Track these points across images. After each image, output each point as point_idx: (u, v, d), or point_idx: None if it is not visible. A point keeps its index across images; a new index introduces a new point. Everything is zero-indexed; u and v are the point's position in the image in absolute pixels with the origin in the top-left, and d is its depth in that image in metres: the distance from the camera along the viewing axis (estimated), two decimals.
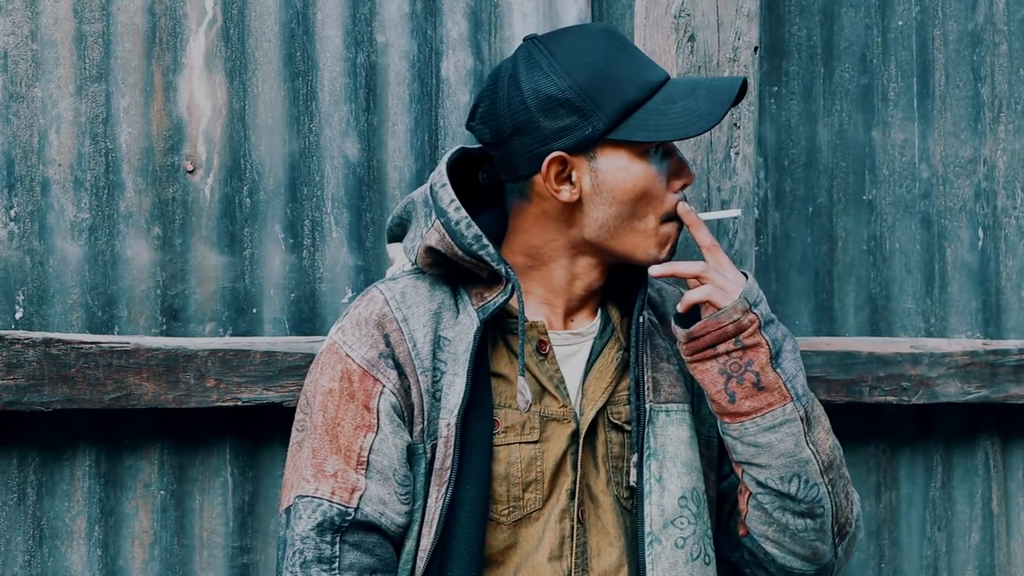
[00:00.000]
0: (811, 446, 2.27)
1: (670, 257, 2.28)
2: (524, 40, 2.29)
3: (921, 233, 3.21)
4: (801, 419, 2.25)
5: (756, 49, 2.81)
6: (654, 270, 2.24)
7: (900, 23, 3.19)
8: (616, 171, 2.23)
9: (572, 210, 2.25)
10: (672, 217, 2.27)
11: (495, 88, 2.27)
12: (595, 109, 2.20)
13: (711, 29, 2.78)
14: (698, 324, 2.23)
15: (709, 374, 2.25)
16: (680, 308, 2.24)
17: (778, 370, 2.24)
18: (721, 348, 2.23)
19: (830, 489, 2.31)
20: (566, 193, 2.24)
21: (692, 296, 2.22)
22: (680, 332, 2.25)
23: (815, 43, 3.13)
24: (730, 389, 2.24)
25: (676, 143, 2.30)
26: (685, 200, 2.28)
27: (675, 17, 2.76)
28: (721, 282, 2.22)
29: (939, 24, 3.22)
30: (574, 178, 2.23)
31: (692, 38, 2.77)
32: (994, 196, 3.27)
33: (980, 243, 3.26)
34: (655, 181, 2.24)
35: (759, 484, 2.29)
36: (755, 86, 2.82)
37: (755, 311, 2.22)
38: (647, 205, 2.24)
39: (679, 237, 2.30)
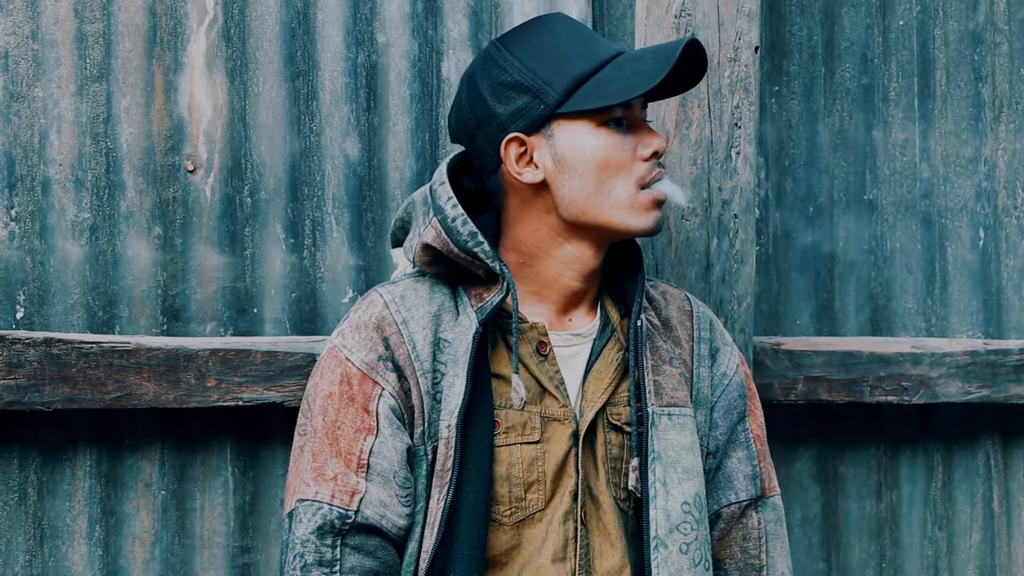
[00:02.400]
0: None
1: (660, 225, 2.27)
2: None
3: (922, 233, 3.21)
4: None
5: (757, 49, 2.81)
6: None
7: (901, 23, 3.19)
8: (574, 144, 2.24)
9: (543, 194, 2.27)
10: (647, 184, 2.26)
11: (459, 92, 2.32)
12: (545, 86, 2.22)
13: (712, 29, 2.78)
14: None
15: None
16: None
17: None
18: None
19: None
20: (529, 175, 2.25)
21: None
22: None
23: (816, 43, 3.13)
24: None
25: (647, 118, 2.32)
26: (663, 167, 2.27)
27: (676, 17, 2.76)
28: None
29: (940, 24, 3.22)
30: (536, 158, 2.25)
31: None
32: (995, 196, 3.27)
33: (981, 243, 3.25)
34: (617, 149, 2.24)
35: None
36: (756, 86, 2.82)
37: None
38: (614, 174, 2.24)
39: (664, 203, 2.28)
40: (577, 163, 2.24)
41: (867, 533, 3.17)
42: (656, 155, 2.27)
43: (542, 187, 2.27)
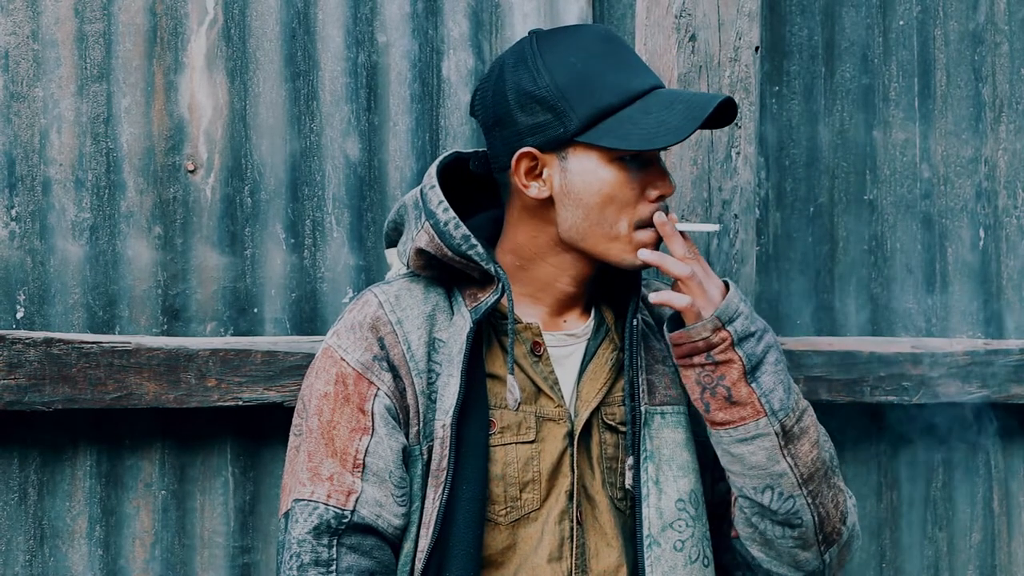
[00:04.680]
0: (788, 459, 2.27)
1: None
2: (528, 33, 2.29)
3: (922, 233, 3.21)
4: (776, 434, 2.25)
5: (757, 49, 2.81)
6: (643, 253, 2.24)
7: (901, 23, 3.19)
8: (584, 173, 2.23)
9: (546, 208, 2.26)
10: (648, 224, 2.25)
11: (487, 78, 2.30)
12: (568, 110, 2.20)
13: (712, 29, 2.78)
14: (674, 333, 2.24)
15: (689, 381, 2.27)
16: (651, 300, 2.25)
17: (753, 384, 2.24)
18: (695, 360, 2.24)
19: (810, 501, 2.31)
20: (534, 189, 2.24)
21: (675, 303, 2.23)
22: (667, 335, 2.26)
23: (816, 43, 3.13)
24: (705, 399, 2.26)
25: (663, 152, 2.30)
26: (666, 210, 2.27)
27: (676, 17, 2.76)
28: (700, 293, 2.23)
29: (940, 24, 3.22)
30: (545, 176, 2.24)
31: (693, 38, 2.77)
32: (995, 196, 3.27)
33: (981, 243, 3.25)
34: (624, 188, 2.23)
35: (739, 490, 2.32)
36: (756, 86, 2.82)
37: (728, 328, 2.22)
38: (616, 211, 2.24)
39: (660, 244, 2.28)
40: (584, 194, 2.23)
41: (867, 533, 3.17)
42: (662, 198, 2.27)
43: (547, 202, 2.26)
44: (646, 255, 2.24)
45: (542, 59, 2.23)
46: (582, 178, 2.23)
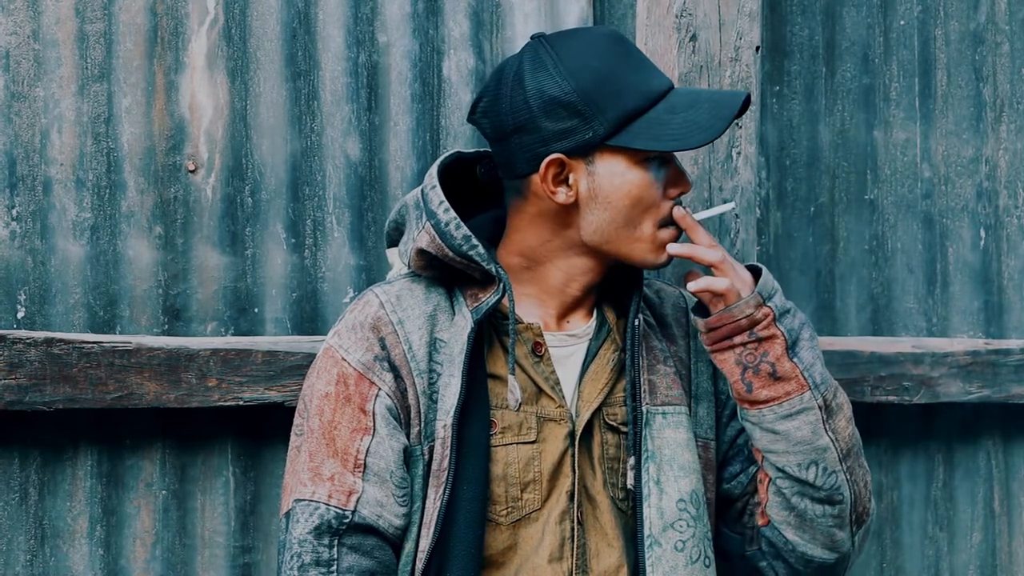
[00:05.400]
0: (830, 434, 2.30)
1: (669, 260, 2.29)
2: (532, 38, 2.29)
3: (923, 233, 3.21)
4: (819, 407, 2.29)
5: (758, 49, 2.81)
6: (672, 248, 2.26)
7: (902, 22, 3.19)
8: (613, 176, 2.23)
9: (568, 212, 2.26)
10: (668, 222, 2.28)
11: (499, 84, 2.27)
12: (597, 114, 2.20)
13: (713, 29, 2.78)
14: (714, 316, 2.27)
15: (727, 364, 2.29)
16: (691, 289, 2.26)
17: (795, 359, 2.27)
18: (737, 340, 2.27)
19: (849, 477, 2.34)
20: (562, 195, 2.24)
21: (716, 286, 2.25)
22: (700, 322, 2.29)
23: (817, 43, 3.13)
24: (747, 379, 2.27)
25: (676, 152, 2.30)
26: (681, 206, 2.28)
27: (677, 17, 2.76)
28: (735, 275, 2.26)
29: (941, 23, 3.22)
30: (571, 180, 2.24)
31: (694, 38, 2.77)
32: (996, 196, 3.27)
33: (982, 243, 3.25)
34: (651, 188, 2.25)
35: (778, 470, 2.33)
36: (757, 86, 2.82)
37: (769, 304, 2.26)
38: (643, 212, 2.25)
39: (679, 239, 2.30)
40: (612, 197, 2.24)
41: None
42: (681, 195, 2.29)
43: (570, 207, 2.26)
44: (676, 248, 2.26)
45: (562, 64, 2.22)
46: (610, 181, 2.24)
